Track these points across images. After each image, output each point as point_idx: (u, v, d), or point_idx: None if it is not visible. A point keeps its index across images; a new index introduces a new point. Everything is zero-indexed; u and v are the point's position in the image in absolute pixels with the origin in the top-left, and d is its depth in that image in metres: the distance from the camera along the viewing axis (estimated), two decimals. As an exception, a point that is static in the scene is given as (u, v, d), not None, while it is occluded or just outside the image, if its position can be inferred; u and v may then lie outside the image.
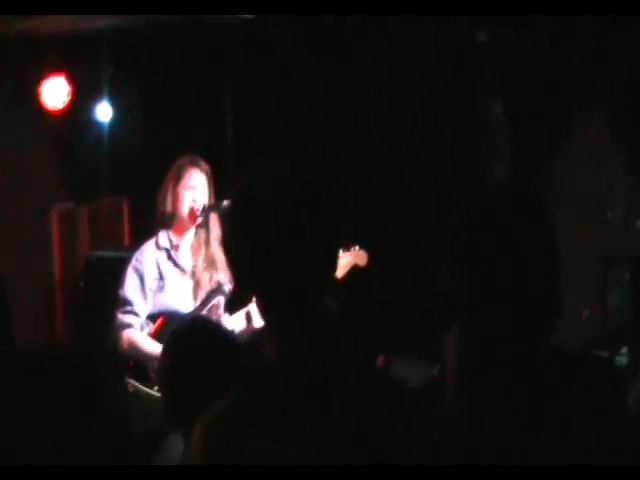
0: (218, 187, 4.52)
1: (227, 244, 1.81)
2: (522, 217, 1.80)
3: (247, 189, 1.78)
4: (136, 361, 4.40)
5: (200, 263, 4.51)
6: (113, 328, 4.42)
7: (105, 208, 6.80)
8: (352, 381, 1.73)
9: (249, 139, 6.19)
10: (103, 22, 5.47)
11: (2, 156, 6.08)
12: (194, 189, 4.45)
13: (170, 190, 4.48)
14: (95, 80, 6.20)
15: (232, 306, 4.44)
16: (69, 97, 6.06)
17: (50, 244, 6.48)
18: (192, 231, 4.53)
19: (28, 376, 1.20)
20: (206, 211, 4.45)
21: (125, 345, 4.40)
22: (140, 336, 4.42)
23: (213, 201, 4.49)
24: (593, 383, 1.80)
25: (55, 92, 6.04)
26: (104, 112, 6.28)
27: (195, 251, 4.53)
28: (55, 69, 6.02)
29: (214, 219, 4.50)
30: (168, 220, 4.50)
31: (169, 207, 4.48)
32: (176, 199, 4.46)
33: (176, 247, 4.52)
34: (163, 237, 4.52)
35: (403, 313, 5.72)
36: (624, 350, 5.00)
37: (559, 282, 1.78)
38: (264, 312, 1.77)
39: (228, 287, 4.48)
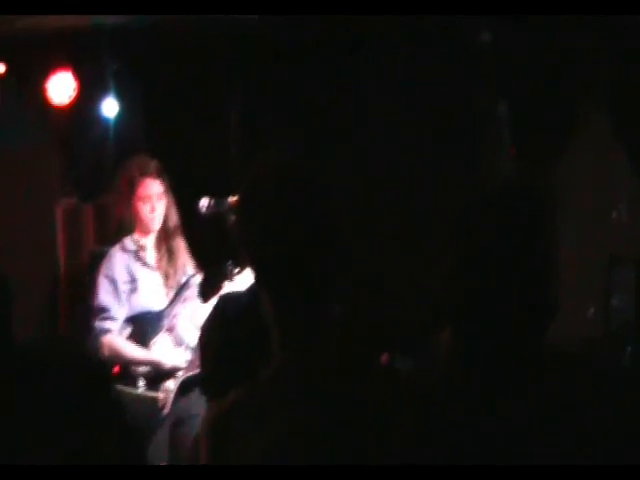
0: (217, 181, 4.57)
1: (239, 239, 1.80)
2: (520, 215, 1.79)
3: (255, 183, 1.78)
4: (121, 367, 4.43)
5: (163, 256, 4.60)
6: (91, 337, 4.44)
7: (110, 204, 6.79)
8: (357, 379, 1.73)
9: (253, 136, 6.18)
10: (110, 18, 5.47)
11: (7, 151, 6.07)
12: (149, 198, 4.53)
13: (126, 203, 4.56)
14: (101, 76, 6.19)
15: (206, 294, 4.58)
16: (75, 93, 6.05)
17: (55, 240, 6.48)
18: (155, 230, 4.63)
19: (31, 370, 1.21)
20: (211, 207, 4.48)
21: (106, 351, 4.41)
22: (121, 340, 4.45)
23: (172, 201, 4.62)
24: (594, 384, 1.79)
25: (61, 88, 6.03)
26: (110, 108, 6.27)
27: (158, 246, 4.61)
28: (61, 65, 6.01)
29: (172, 212, 4.55)
30: (129, 227, 4.61)
31: (128, 217, 4.60)
32: (134, 211, 4.57)
33: (142, 247, 4.61)
34: (128, 240, 4.63)
35: (408, 311, 5.71)
36: (627, 350, 4.99)
37: (554, 283, 1.77)
38: (271, 310, 1.77)
39: (196, 279, 4.60)
